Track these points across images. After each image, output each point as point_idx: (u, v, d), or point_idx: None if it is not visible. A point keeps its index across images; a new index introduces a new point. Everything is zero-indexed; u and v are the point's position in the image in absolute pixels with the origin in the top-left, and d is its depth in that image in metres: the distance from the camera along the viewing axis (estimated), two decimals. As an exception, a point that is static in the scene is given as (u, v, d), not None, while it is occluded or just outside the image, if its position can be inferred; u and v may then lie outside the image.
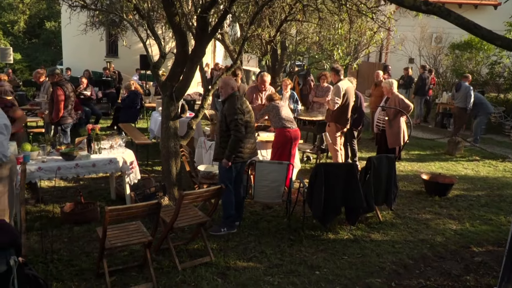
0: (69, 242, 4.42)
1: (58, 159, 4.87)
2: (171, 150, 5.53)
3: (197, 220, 4.21)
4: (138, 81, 12.47)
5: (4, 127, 3.54)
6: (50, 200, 5.49)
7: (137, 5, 5.88)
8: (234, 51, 9.84)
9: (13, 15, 29.30)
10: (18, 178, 3.94)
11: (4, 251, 2.64)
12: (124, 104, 9.42)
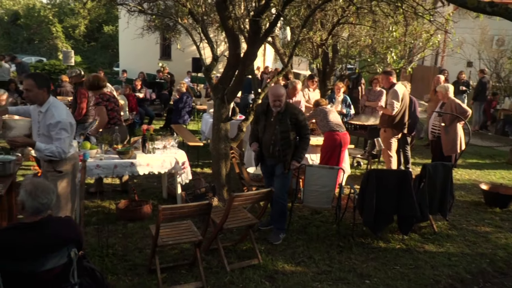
0: (123, 237, 4.59)
1: (114, 157, 5.07)
2: (222, 152, 5.61)
3: (246, 222, 4.23)
4: (189, 83, 12.76)
5: (69, 125, 3.74)
6: (106, 197, 5.73)
7: (191, 9, 6.03)
8: (285, 54, 9.84)
9: (74, 19, 30.99)
10: (79, 175, 4.14)
11: (68, 245, 2.78)
12: (176, 106, 9.67)
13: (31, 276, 2.69)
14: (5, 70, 12.83)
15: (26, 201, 2.70)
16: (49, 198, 2.76)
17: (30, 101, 3.76)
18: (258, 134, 4.73)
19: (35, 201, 2.69)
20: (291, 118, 4.51)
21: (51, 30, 29.52)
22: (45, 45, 29.96)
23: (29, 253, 2.65)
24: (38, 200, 2.69)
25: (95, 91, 5.67)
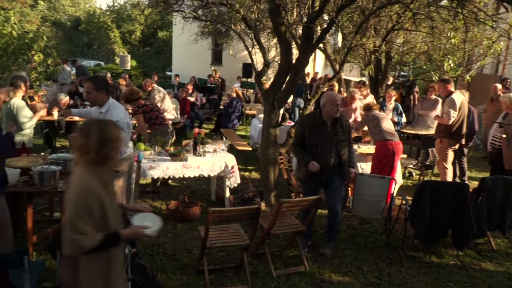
0: (173, 237, 4.71)
1: (167, 159, 5.22)
2: (270, 157, 5.62)
3: (293, 228, 4.21)
4: (239, 88, 12.92)
5: (127, 125, 3.90)
6: (158, 197, 5.90)
7: (245, 15, 6.12)
8: (335, 61, 9.73)
9: (131, 25, 32.29)
10: (134, 175, 4.30)
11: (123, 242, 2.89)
12: (226, 110, 9.81)
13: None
14: (67, 73, 13.57)
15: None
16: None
17: (91, 102, 3.96)
18: (308, 149, 4.36)
19: None
20: (345, 126, 4.42)
21: (109, 36, 30.93)
22: (103, 50, 31.43)
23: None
24: None
25: (132, 103, 6.06)
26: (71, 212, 2.22)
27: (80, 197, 2.20)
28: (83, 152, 2.27)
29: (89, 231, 2.20)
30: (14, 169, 4.08)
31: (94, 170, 2.28)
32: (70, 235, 2.18)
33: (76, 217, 2.19)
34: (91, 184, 2.24)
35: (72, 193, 2.24)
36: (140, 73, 21.61)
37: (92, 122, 2.41)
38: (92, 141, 2.26)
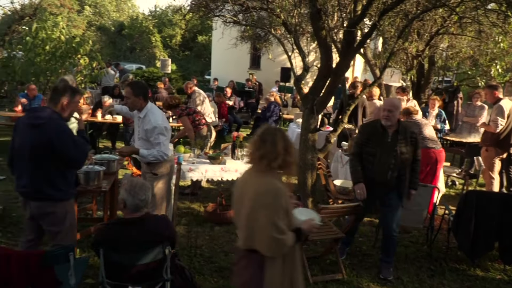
0: (210, 240, 4.75)
1: (206, 161, 5.29)
2: (308, 162, 5.58)
3: (331, 235, 4.16)
4: (277, 92, 12.92)
5: (165, 129, 3.98)
6: (196, 199, 5.98)
7: (285, 20, 6.12)
8: (375, 65, 9.56)
9: (172, 30, 33.02)
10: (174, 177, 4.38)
11: (163, 242, 2.95)
12: (263, 114, 9.84)
13: (130, 268, 2.90)
14: (110, 76, 14.05)
15: (127, 200, 2.91)
16: (147, 195, 2.95)
17: (129, 107, 4.07)
18: (364, 158, 4.06)
19: (134, 199, 2.90)
20: (411, 137, 4.00)
21: (150, 40, 31.75)
22: (144, 54, 32.29)
23: (129, 247, 2.86)
24: (137, 197, 2.90)
25: (173, 109, 6.28)
26: (270, 214, 2.30)
27: (277, 200, 2.32)
28: (271, 158, 2.38)
29: (287, 230, 2.33)
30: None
31: (274, 175, 2.40)
32: (274, 236, 2.28)
33: (276, 218, 2.29)
34: (280, 186, 2.36)
35: (265, 197, 2.33)
36: (179, 76, 22.00)
37: (275, 130, 2.51)
38: (279, 148, 2.37)
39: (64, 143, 3.07)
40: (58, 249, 2.82)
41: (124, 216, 2.98)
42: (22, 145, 3.11)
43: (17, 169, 3.22)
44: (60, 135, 3.07)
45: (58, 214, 3.19)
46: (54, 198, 3.16)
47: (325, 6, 5.62)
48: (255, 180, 2.43)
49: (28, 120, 3.13)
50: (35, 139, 3.04)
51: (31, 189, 3.13)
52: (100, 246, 2.90)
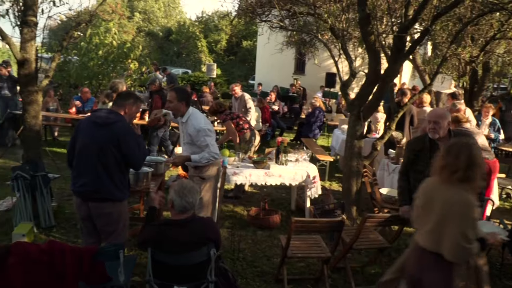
0: (253, 244, 4.76)
1: (250, 166, 5.32)
2: (353, 169, 5.49)
3: (377, 245, 4.05)
4: (321, 98, 12.82)
5: (209, 131, 4.05)
6: (239, 203, 6.02)
7: (332, 25, 6.06)
8: (425, 71, 9.27)
9: (217, 35, 33.58)
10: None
11: (208, 244, 2.99)
12: (307, 120, 9.78)
13: (175, 268, 2.96)
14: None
15: (175, 200, 2.98)
16: (194, 198, 3.01)
17: (172, 111, 4.16)
18: (411, 177, 3.74)
19: (182, 200, 2.96)
20: None
21: (197, 45, 32.44)
22: (191, 58, 33.02)
23: (175, 247, 2.92)
24: (185, 199, 2.96)
25: (219, 115, 6.39)
26: (461, 224, 2.47)
27: (469, 211, 2.47)
28: (452, 171, 2.52)
29: (474, 240, 2.49)
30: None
31: (463, 187, 2.51)
32: (463, 244, 2.46)
33: (466, 229, 2.46)
34: (471, 197, 2.49)
35: (458, 207, 2.49)
36: (224, 81, 22.35)
37: (462, 144, 2.60)
38: (461, 162, 2.49)
39: (130, 144, 3.19)
40: (109, 246, 2.92)
41: (172, 216, 3.05)
42: (87, 144, 3.21)
43: (77, 168, 3.30)
44: (127, 136, 3.18)
45: (114, 214, 3.29)
46: (114, 198, 3.26)
47: (374, 10, 5.51)
48: (445, 189, 2.54)
49: (96, 119, 3.25)
50: (103, 138, 3.16)
51: (92, 189, 3.21)
52: (147, 245, 2.98)
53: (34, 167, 4.93)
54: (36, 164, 5.00)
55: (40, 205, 4.84)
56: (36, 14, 5.24)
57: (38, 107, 5.33)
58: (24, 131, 5.42)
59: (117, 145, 3.13)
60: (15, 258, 2.68)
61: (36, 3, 5.24)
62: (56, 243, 2.77)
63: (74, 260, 2.74)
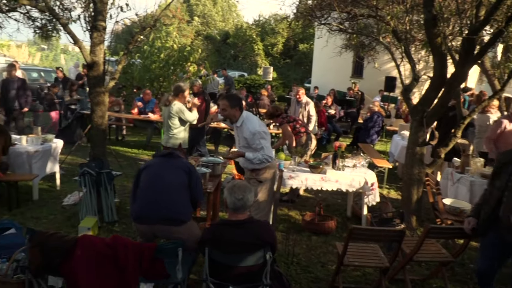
0: (307, 249, 4.70)
1: (306, 170, 5.26)
2: (414, 177, 5.27)
3: (439, 258, 3.85)
4: (380, 102, 12.48)
5: (264, 133, 4.05)
6: (293, 207, 5.98)
7: (395, 27, 5.87)
8: (494, 76, 8.72)
9: (273, 38, 33.71)
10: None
11: (264, 247, 2.98)
12: (365, 125, 9.54)
13: (232, 269, 2.98)
14: (215, 83, 14.74)
15: (227, 197, 3.02)
16: (245, 196, 3.02)
17: (226, 118, 4.21)
18: (489, 191, 3.30)
19: (232, 197, 3.00)
20: None
21: (253, 48, 32.76)
22: (247, 62, 33.39)
23: (232, 248, 2.94)
24: (234, 195, 2.99)
25: (275, 119, 6.38)
26: None
27: None
28: None
29: None
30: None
31: None
32: None
33: None
34: None
35: None
36: (280, 84, 22.37)
37: None
38: None
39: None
40: (168, 244, 2.99)
41: (229, 217, 3.08)
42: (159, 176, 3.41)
43: (143, 196, 3.41)
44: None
45: (183, 235, 3.31)
46: (182, 221, 3.35)
47: (441, 11, 5.26)
48: None
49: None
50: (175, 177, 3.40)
51: (164, 214, 3.31)
52: (205, 245, 3.03)
53: (100, 164, 5.18)
54: (101, 162, 5.26)
55: (104, 201, 5.07)
56: (105, 19, 5.52)
57: (105, 108, 5.61)
58: (91, 130, 5.72)
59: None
60: (81, 250, 2.82)
61: (105, 9, 5.52)
62: (120, 238, 2.88)
63: (135, 256, 2.84)
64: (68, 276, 2.81)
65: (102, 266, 2.82)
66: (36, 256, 2.82)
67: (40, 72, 15.19)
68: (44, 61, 30.20)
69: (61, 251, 2.79)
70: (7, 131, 5.49)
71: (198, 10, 39.83)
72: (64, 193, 5.99)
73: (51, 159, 6.03)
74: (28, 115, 11.04)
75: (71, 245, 2.81)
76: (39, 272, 2.86)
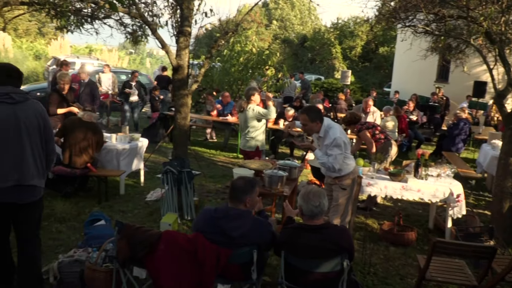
0: (385, 259, 4.53)
1: (385, 177, 5.07)
2: (507, 190, 4.88)
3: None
4: (467, 108, 11.67)
5: (343, 143, 3.94)
6: (370, 215, 5.79)
7: (488, 29, 5.46)
8: None
9: (352, 41, 33.00)
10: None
11: (341, 253, 2.92)
12: (450, 132, 8.98)
13: (307, 274, 2.95)
14: (292, 86, 14.74)
15: (303, 205, 3.00)
16: (321, 202, 2.97)
17: (307, 132, 4.17)
18: None
19: (309, 204, 2.96)
20: None
21: (331, 51, 32.33)
22: (324, 65, 33.03)
23: (308, 252, 2.92)
24: (311, 203, 2.96)
25: (352, 125, 6.19)
26: None
27: None
28: None
29: None
30: (249, 169, 4.63)
31: None
32: None
33: None
34: None
35: None
36: (358, 88, 21.82)
37: None
38: None
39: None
40: (243, 248, 3.01)
41: (304, 222, 3.06)
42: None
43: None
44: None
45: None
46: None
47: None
48: None
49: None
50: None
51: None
52: (282, 249, 3.04)
53: (181, 163, 5.42)
54: (183, 161, 5.49)
55: (184, 199, 5.29)
56: (190, 25, 5.77)
57: (188, 109, 5.86)
58: (174, 130, 5.99)
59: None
60: (165, 244, 2.96)
61: (191, 15, 5.77)
62: (200, 236, 2.98)
63: (212, 255, 2.92)
64: (151, 268, 2.97)
65: (183, 261, 2.94)
66: (123, 247, 3.02)
67: (128, 75, 16.22)
68: (131, 64, 32.34)
69: (146, 245, 2.95)
70: (101, 130, 5.95)
71: (276, 14, 40.22)
72: (147, 189, 6.35)
73: (137, 157, 6.42)
74: (116, 115, 11.91)
75: (156, 239, 2.96)
76: (125, 262, 3.05)
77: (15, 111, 3.00)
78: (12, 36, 23.64)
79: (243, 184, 3.12)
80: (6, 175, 2.98)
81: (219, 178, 7.17)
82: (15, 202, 3.06)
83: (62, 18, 6.64)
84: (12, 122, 2.99)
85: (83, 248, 3.81)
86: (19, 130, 3.01)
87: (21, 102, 3.04)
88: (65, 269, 3.56)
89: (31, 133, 3.06)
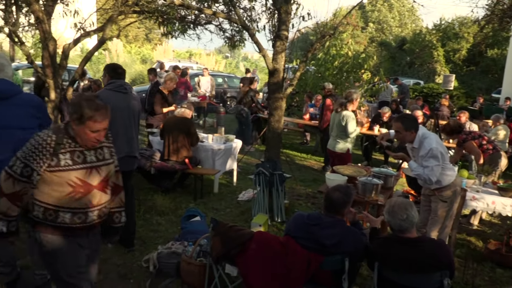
0: (490, 282, 4.13)
1: (493, 192, 4.63)
2: None
3: None
4: None
5: (440, 154, 3.67)
6: (474, 232, 5.33)
7: None
8: None
9: (457, 43, 30.72)
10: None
11: (441, 269, 2.72)
12: None
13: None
14: (388, 91, 14.13)
15: (390, 221, 2.85)
16: (409, 214, 2.80)
17: (400, 140, 3.94)
18: None
19: (395, 219, 2.81)
20: None
21: (432, 54, 30.43)
22: (424, 69, 31.19)
23: (402, 265, 2.77)
24: (397, 217, 2.80)
25: (454, 135, 5.78)
26: None
27: None
28: None
29: None
30: (342, 176, 4.53)
31: None
32: None
33: None
34: None
35: None
36: (462, 94, 20.24)
37: None
38: None
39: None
40: (335, 256, 2.94)
41: (397, 234, 2.90)
42: None
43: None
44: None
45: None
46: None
47: None
48: None
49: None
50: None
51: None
52: (374, 260, 2.92)
53: (273, 165, 5.48)
54: (275, 163, 5.55)
55: (275, 201, 5.34)
56: (287, 29, 5.81)
57: (281, 112, 5.90)
58: (268, 133, 6.08)
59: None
60: (256, 244, 3.02)
61: (289, 19, 5.81)
62: (291, 240, 2.98)
63: (302, 261, 2.90)
64: (241, 266, 3.04)
65: (273, 263, 2.97)
66: (217, 244, 3.13)
67: (224, 78, 16.87)
68: (227, 67, 33.58)
69: (238, 243, 3.03)
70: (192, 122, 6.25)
71: (373, 16, 38.97)
72: (239, 189, 6.52)
73: (231, 157, 6.63)
74: (212, 116, 12.43)
75: (248, 239, 3.03)
76: (218, 259, 3.16)
77: (127, 99, 3.88)
78: (123, 42, 26.01)
79: (341, 197, 3.05)
80: (121, 148, 3.61)
81: (309, 182, 7.12)
82: (123, 170, 3.37)
83: (168, 25, 7.12)
84: (126, 108, 3.86)
85: (180, 241, 4.02)
86: (130, 114, 3.91)
87: (130, 93, 3.93)
88: (163, 259, 3.79)
89: (135, 117, 3.98)
